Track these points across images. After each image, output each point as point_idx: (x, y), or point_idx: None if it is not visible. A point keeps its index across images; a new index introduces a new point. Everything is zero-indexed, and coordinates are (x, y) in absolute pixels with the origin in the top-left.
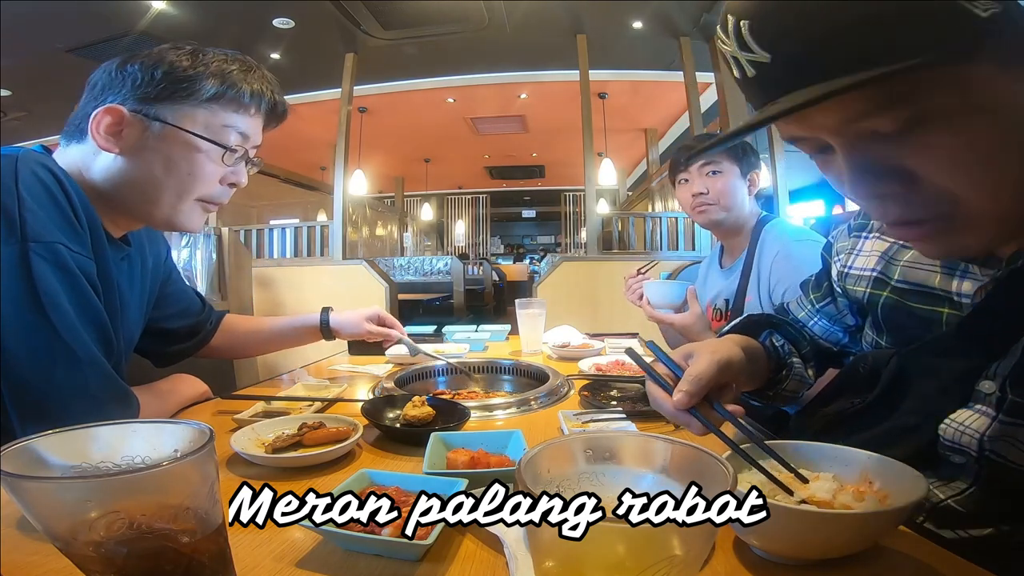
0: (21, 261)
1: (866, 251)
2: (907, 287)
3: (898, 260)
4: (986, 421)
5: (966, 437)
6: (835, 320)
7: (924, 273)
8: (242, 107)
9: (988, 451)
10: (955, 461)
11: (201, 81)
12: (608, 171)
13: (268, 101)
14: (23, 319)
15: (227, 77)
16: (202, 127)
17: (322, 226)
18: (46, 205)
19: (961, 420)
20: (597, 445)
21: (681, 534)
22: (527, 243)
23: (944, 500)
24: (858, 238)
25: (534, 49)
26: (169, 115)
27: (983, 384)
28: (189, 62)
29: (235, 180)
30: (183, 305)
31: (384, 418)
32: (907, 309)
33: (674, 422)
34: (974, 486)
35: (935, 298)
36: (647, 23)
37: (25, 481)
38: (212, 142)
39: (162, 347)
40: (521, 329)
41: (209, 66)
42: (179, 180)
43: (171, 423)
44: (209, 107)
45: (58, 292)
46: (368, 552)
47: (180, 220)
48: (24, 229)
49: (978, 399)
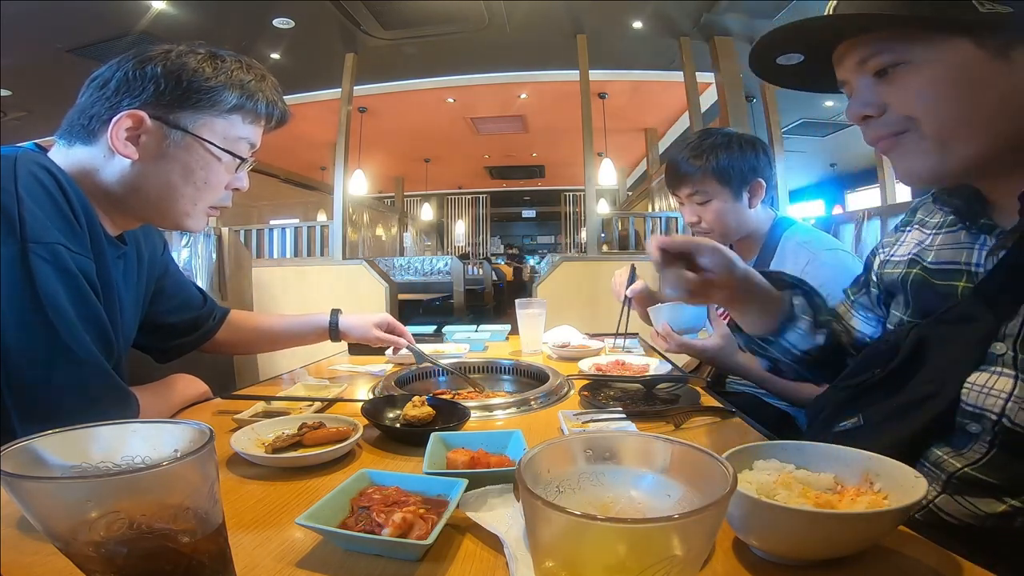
0: (21, 262)
1: (907, 241)
2: (935, 266)
3: (931, 246)
4: (1008, 382)
5: (991, 400)
6: (868, 310)
7: (950, 252)
8: (257, 118)
9: (1006, 416)
10: (971, 430)
11: (223, 92)
12: (608, 171)
13: (279, 113)
14: (23, 319)
15: (246, 88)
16: (220, 137)
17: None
18: (45, 205)
19: (983, 383)
20: (597, 445)
21: (681, 534)
22: (527, 243)
23: (960, 469)
24: (902, 232)
25: (534, 49)
26: (190, 124)
27: (995, 346)
28: (212, 70)
29: (238, 185)
30: (182, 299)
31: (384, 418)
32: (931, 285)
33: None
34: (989, 454)
35: (955, 272)
36: (647, 23)
37: (25, 481)
38: (231, 153)
39: (163, 342)
40: (521, 329)
41: (230, 76)
42: (195, 188)
43: (171, 423)
44: (228, 118)
45: (58, 292)
46: (368, 552)
47: (189, 224)
48: (24, 230)
49: (991, 361)
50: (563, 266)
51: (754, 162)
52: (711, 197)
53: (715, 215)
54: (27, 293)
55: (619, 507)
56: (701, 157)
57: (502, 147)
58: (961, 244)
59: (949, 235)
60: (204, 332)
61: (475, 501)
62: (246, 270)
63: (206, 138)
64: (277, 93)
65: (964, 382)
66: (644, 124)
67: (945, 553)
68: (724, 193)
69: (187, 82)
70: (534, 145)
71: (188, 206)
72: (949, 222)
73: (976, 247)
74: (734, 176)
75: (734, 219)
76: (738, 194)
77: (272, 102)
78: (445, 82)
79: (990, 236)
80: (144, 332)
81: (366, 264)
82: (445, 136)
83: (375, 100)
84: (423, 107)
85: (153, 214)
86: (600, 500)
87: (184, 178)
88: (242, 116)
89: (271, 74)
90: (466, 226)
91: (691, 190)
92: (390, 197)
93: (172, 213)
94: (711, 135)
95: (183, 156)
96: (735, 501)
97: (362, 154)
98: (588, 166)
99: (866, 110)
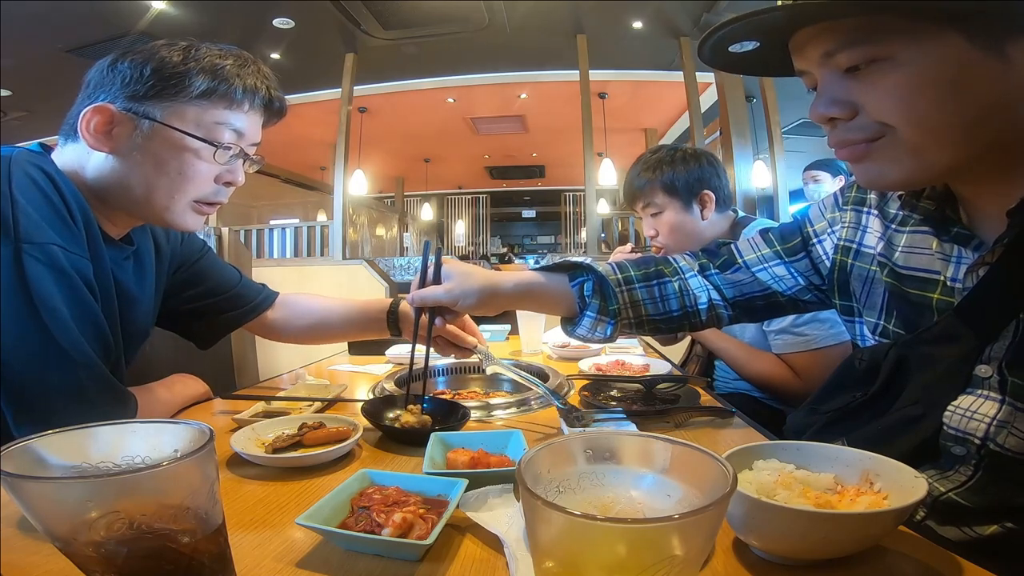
0: (15, 262)
1: (872, 229)
2: (905, 272)
3: (896, 244)
4: (993, 406)
5: (973, 423)
6: (788, 274)
7: (923, 257)
8: (235, 103)
9: (990, 439)
10: (956, 452)
11: (191, 77)
12: (608, 171)
13: (263, 97)
14: (17, 321)
15: (219, 72)
16: (193, 125)
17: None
18: (40, 206)
19: (966, 406)
20: (597, 445)
21: (681, 534)
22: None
23: (945, 493)
24: (858, 212)
25: (534, 49)
26: (159, 113)
27: (980, 368)
28: (180, 58)
29: (231, 179)
30: (215, 281)
31: (384, 418)
32: (902, 294)
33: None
34: (975, 477)
35: (928, 282)
36: (647, 23)
37: (25, 481)
38: (203, 140)
39: (206, 324)
40: (521, 329)
41: (201, 61)
42: (170, 180)
43: (171, 423)
44: (199, 104)
45: (52, 293)
46: (368, 552)
47: (174, 220)
48: (17, 230)
49: (976, 384)
50: None
51: (698, 173)
52: (662, 209)
53: (669, 227)
54: (21, 294)
55: (619, 507)
56: (650, 171)
57: (502, 147)
58: (932, 252)
59: (919, 236)
60: (247, 309)
61: (475, 501)
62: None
63: (176, 126)
64: (263, 78)
65: (947, 406)
66: (644, 124)
67: (945, 553)
68: (674, 204)
69: (152, 70)
70: (534, 145)
71: (166, 199)
72: (915, 220)
73: (952, 259)
74: (680, 188)
75: (687, 229)
76: (688, 205)
77: (252, 86)
78: (445, 82)
79: (966, 248)
80: (181, 319)
81: (366, 264)
82: (445, 136)
83: (375, 100)
84: (423, 107)
85: (137, 209)
86: (600, 500)
87: (157, 169)
88: (214, 101)
89: (262, 64)
90: (466, 226)
91: (643, 203)
92: (390, 197)
93: (152, 207)
94: (659, 151)
95: (154, 146)
96: (735, 501)
97: (362, 154)
98: (588, 166)
99: (833, 111)
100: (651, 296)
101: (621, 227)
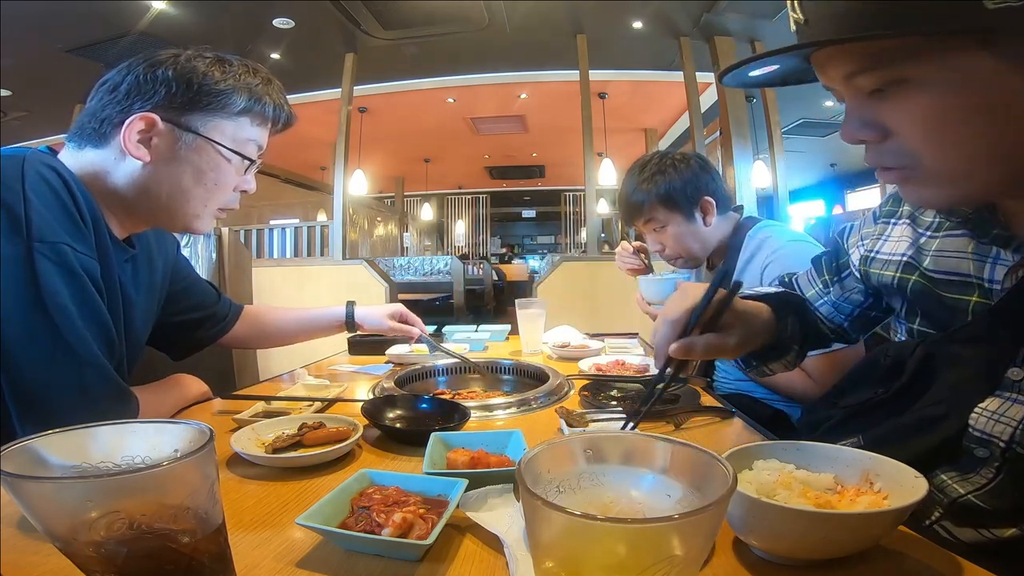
0: (25, 261)
1: (894, 237)
2: (937, 275)
3: (927, 249)
4: (1021, 409)
5: (1000, 426)
6: (840, 299)
7: (955, 260)
8: (264, 121)
9: (1016, 443)
10: (978, 454)
11: (232, 95)
12: (608, 171)
13: (285, 115)
14: (26, 318)
15: (254, 91)
16: (229, 139)
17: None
18: (52, 206)
19: (994, 408)
20: (597, 445)
21: (681, 534)
22: (527, 243)
23: (964, 495)
24: (886, 224)
25: (534, 49)
26: (201, 126)
27: (1012, 371)
28: (221, 74)
29: (246, 187)
30: (197, 296)
31: (384, 418)
32: (936, 296)
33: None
34: (996, 480)
35: (965, 285)
36: (647, 23)
37: (25, 481)
38: (240, 155)
39: (180, 339)
40: (521, 329)
41: (239, 79)
42: (205, 190)
43: (171, 423)
44: (237, 120)
45: (61, 292)
46: (368, 552)
47: (198, 226)
48: (29, 229)
49: (1006, 386)
50: (563, 266)
51: (694, 181)
52: (665, 223)
53: (674, 240)
54: (30, 292)
55: (619, 507)
56: (645, 185)
57: (502, 147)
58: (968, 254)
59: (951, 239)
60: (220, 327)
61: (475, 501)
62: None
63: (216, 140)
64: (282, 96)
65: (974, 408)
66: (644, 124)
67: (945, 553)
68: (676, 217)
69: (198, 85)
70: (534, 145)
71: (199, 207)
72: (949, 224)
73: (989, 260)
74: (678, 199)
75: (694, 241)
76: (690, 215)
77: (279, 105)
78: (445, 82)
79: (1006, 250)
80: (160, 331)
81: (366, 264)
82: (445, 136)
83: (375, 100)
84: (423, 107)
85: (163, 216)
86: (600, 500)
87: (195, 180)
88: (250, 119)
89: (275, 78)
90: (466, 226)
91: (644, 219)
92: (390, 197)
93: (182, 215)
94: (648, 162)
95: (194, 158)
96: (735, 501)
97: (362, 154)
98: (588, 166)
99: (863, 134)
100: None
101: (621, 227)
